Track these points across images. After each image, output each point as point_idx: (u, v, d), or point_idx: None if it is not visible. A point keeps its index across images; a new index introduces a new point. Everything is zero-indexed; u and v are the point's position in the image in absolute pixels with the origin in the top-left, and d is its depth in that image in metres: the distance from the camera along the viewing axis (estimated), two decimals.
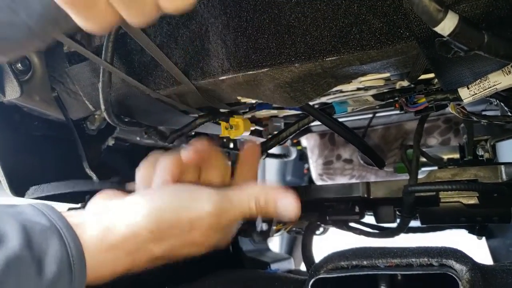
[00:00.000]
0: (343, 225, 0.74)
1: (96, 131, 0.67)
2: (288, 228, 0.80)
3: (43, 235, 0.36)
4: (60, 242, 0.36)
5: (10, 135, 0.62)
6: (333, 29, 0.41)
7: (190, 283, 0.67)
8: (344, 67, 0.44)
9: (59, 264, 0.35)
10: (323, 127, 1.14)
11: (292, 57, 0.43)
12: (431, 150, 0.80)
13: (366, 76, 0.52)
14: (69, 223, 0.38)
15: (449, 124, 1.08)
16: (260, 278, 0.67)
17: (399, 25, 0.39)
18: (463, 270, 0.49)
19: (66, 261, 0.36)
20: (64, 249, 0.36)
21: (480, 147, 0.71)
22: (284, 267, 1.01)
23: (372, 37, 0.40)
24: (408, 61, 0.45)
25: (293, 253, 1.47)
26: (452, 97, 0.48)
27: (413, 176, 0.64)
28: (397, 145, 1.14)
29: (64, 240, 0.37)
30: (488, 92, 0.45)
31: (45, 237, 0.36)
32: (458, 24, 0.32)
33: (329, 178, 1.26)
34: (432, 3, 0.31)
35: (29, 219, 0.37)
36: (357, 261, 0.54)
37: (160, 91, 0.52)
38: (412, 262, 0.52)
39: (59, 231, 0.37)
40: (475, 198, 0.62)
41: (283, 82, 0.47)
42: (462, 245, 0.57)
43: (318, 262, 0.57)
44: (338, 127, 0.64)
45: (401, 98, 0.57)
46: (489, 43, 0.33)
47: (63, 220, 0.38)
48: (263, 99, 0.52)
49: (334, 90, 0.58)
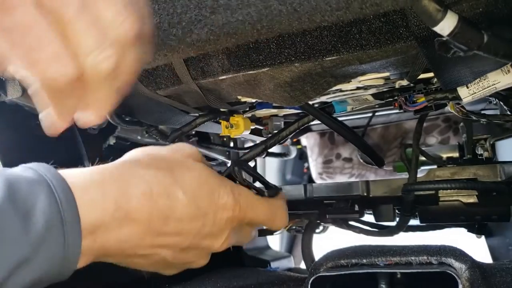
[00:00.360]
0: (342, 224, 0.74)
1: (97, 130, 0.67)
2: (288, 227, 0.81)
3: (30, 187, 0.33)
4: (48, 193, 0.33)
5: (11, 135, 0.62)
6: (332, 29, 0.41)
7: (190, 281, 0.67)
8: (344, 66, 0.44)
9: (48, 216, 0.32)
10: (323, 126, 1.14)
11: (292, 57, 0.43)
12: (430, 149, 0.81)
13: (366, 76, 0.52)
14: (59, 175, 0.35)
15: (449, 123, 1.09)
16: (260, 276, 0.67)
17: (398, 25, 0.40)
18: (462, 268, 0.50)
19: (55, 213, 0.33)
20: (54, 201, 0.33)
21: (480, 146, 0.72)
22: (284, 266, 1.01)
23: (371, 37, 0.40)
24: (408, 60, 0.45)
25: (293, 251, 1.47)
26: (451, 96, 0.48)
27: (413, 175, 0.64)
28: (396, 144, 1.14)
29: (53, 191, 0.33)
30: (488, 91, 0.45)
31: (31, 190, 0.33)
32: (457, 24, 0.32)
33: (328, 177, 1.26)
34: (432, 3, 0.31)
35: (16, 174, 0.34)
36: (357, 259, 0.54)
37: (160, 91, 0.52)
38: (412, 260, 0.52)
39: (48, 183, 0.34)
40: (474, 196, 0.63)
41: (283, 82, 0.47)
42: (461, 244, 0.57)
43: (318, 260, 0.57)
44: (338, 126, 0.64)
45: (400, 97, 0.58)
46: (489, 43, 0.33)
47: (53, 172, 0.35)
48: (263, 99, 0.52)
49: (333, 90, 0.58)
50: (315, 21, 0.33)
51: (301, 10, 0.32)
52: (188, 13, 0.36)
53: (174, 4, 0.36)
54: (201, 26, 0.35)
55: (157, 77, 0.50)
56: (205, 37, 0.36)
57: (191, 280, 0.67)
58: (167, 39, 0.37)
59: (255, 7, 0.33)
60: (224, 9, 0.34)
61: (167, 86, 0.50)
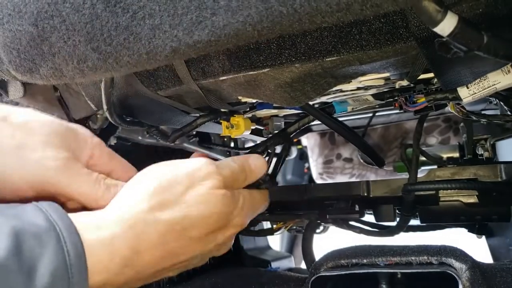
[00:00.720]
0: (343, 224, 0.74)
1: (98, 130, 0.67)
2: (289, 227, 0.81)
3: (37, 239, 0.31)
4: (56, 247, 0.31)
5: None
6: (333, 30, 0.42)
7: (190, 281, 0.67)
8: (344, 67, 0.45)
9: (53, 274, 0.30)
10: (323, 126, 1.15)
11: (292, 57, 0.44)
12: (430, 149, 0.81)
13: (366, 76, 0.52)
14: (72, 224, 0.34)
15: (449, 123, 1.09)
16: (261, 276, 0.67)
17: (398, 26, 0.40)
18: (462, 269, 0.50)
19: (62, 270, 0.31)
20: (61, 257, 0.31)
21: (480, 146, 0.72)
22: (284, 266, 1.01)
23: (371, 38, 0.41)
24: (408, 61, 0.45)
25: (294, 251, 1.47)
26: (451, 96, 0.48)
27: (413, 175, 0.64)
28: (396, 144, 1.14)
29: (62, 244, 0.32)
30: (488, 92, 0.45)
31: (39, 242, 0.31)
32: (457, 25, 0.32)
33: (329, 177, 1.26)
34: (432, 4, 0.31)
35: (25, 220, 0.32)
36: (357, 259, 0.54)
37: (161, 92, 0.52)
38: (412, 260, 0.52)
39: (57, 234, 0.32)
40: (475, 197, 0.63)
41: (283, 82, 0.47)
42: (462, 244, 0.57)
43: (319, 260, 0.58)
44: (338, 127, 0.65)
45: (400, 97, 0.58)
46: (489, 43, 0.33)
47: (65, 220, 0.34)
48: (264, 99, 0.52)
49: (334, 90, 0.58)
50: (315, 22, 0.33)
51: (302, 11, 0.32)
52: (189, 15, 0.36)
53: (175, 6, 0.36)
54: (202, 28, 0.36)
55: (158, 77, 0.50)
56: (206, 38, 0.36)
57: (191, 280, 0.67)
58: (168, 40, 0.37)
59: (255, 8, 0.33)
60: (225, 11, 0.34)
61: (168, 86, 0.51)
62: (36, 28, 0.41)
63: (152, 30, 0.38)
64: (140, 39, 0.38)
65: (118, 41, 0.39)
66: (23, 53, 0.43)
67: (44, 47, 0.42)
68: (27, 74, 0.45)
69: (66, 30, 0.40)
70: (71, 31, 0.40)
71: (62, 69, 0.43)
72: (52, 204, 0.35)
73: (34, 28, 0.41)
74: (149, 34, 0.38)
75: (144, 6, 0.38)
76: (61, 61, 0.42)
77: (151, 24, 0.38)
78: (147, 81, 0.51)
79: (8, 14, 0.42)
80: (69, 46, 0.41)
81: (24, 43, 0.43)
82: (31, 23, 0.41)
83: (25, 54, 0.43)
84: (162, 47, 0.38)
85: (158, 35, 0.38)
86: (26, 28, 0.42)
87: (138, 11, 0.38)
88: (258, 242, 1.03)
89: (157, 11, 0.37)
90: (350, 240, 0.68)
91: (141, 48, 0.39)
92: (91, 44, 0.40)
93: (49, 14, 0.40)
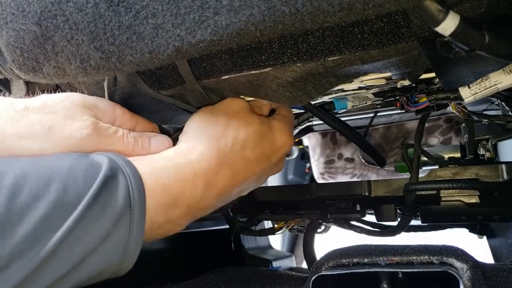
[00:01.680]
0: (344, 223, 0.74)
1: None
2: (290, 226, 0.81)
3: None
4: (125, 182, 0.37)
5: None
6: (335, 29, 0.42)
7: (192, 279, 0.68)
8: (346, 66, 0.45)
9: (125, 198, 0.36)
10: (324, 126, 1.15)
11: (294, 57, 0.44)
12: (432, 149, 0.81)
13: (368, 75, 0.52)
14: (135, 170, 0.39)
15: (451, 123, 1.09)
16: (262, 275, 0.67)
17: (400, 25, 0.40)
18: (463, 268, 0.50)
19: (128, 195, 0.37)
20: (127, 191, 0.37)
21: (482, 147, 0.72)
22: (285, 265, 1.01)
23: (373, 37, 0.41)
24: (410, 60, 0.45)
25: (295, 251, 1.47)
26: (453, 96, 0.48)
27: (414, 175, 0.64)
28: (398, 144, 1.14)
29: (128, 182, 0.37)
30: (489, 92, 0.45)
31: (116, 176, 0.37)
32: (459, 25, 0.32)
33: (330, 177, 1.26)
34: (434, 4, 0.31)
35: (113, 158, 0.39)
36: (358, 258, 0.54)
37: (164, 91, 0.52)
38: (413, 260, 0.52)
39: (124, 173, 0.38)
40: (476, 197, 0.63)
41: (285, 82, 0.47)
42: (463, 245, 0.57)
43: (319, 259, 0.58)
44: (340, 126, 0.65)
45: (402, 97, 0.58)
46: (490, 43, 0.33)
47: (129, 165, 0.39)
48: (265, 98, 0.52)
49: (335, 89, 0.58)
50: (317, 22, 0.33)
51: (304, 11, 0.32)
52: (191, 14, 0.36)
53: (178, 5, 0.37)
54: (205, 27, 0.36)
55: (160, 77, 0.51)
56: (208, 38, 0.36)
57: (192, 280, 0.67)
58: (171, 39, 0.38)
59: (258, 8, 0.33)
60: (228, 10, 0.34)
61: (171, 86, 0.51)
62: (40, 27, 0.41)
63: (155, 30, 0.38)
64: (143, 38, 0.39)
65: (121, 40, 0.39)
66: (26, 52, 0.43)
67: (47, 46, 0.42)
68: (30, 73, 0.45)
69: (69, 29, 0.41)
70: (74, 30, 0.40)
71: (65, 68, 0.43)
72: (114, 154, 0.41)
73: (37, 27, 0.42)
74: (152, 34, 0.38)
75: (147, 6, 0.38)
76: (64, 60, 0.42)
77: (154, 24, 0.38)
78: (149, 80, 0.51)
79: (11, 13, 0.42)
80: (72, 45, 0.41)
81: (27, 42, 0.43)
82: (34, 22, 0.41)
83: (28, 53, 0.43)
84: (165, 47, 0.38)
85: (161, 34, 0.38)
86: (29, 27, 0.42)
87: (141, 11, 0.38)
88: (259, 242, 1.04)
89: (160, 10, 0.37)
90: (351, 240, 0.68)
91: (144, 47, 0.39)
92: (94, 43, 0.40)
93: (53, 13, 0.41)
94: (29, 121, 0.40)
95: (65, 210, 0.33)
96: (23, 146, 0.39)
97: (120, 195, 0.36)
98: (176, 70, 0.49)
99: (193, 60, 0.48)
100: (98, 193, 0.34)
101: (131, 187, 0.37)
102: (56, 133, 0.40)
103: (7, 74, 0.48)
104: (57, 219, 0.32)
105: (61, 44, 0.42)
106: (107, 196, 0.35)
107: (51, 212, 0.32)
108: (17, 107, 0.40)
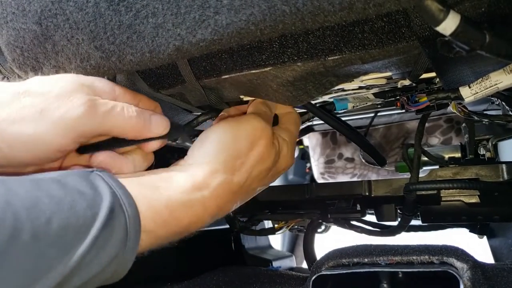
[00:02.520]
0: (344, 223, 0.74)
1: None
2: (290, 226, 0.81)
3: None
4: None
5: None
6: (335, 29, 0.42)
7: (192, 279, 0.68)
8: (346, 66, 0.45)
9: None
10: (325, 126, 1.15)
11: (294, 56, 0.44)
12: (432, 149, 0.81)
13: (368, 75, 0.52)
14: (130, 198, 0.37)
15: (451, 123, 1.09)
16: (262, 275, 0.67)
17: (400, 25, 0.40)
18: (464, 268, 0.50)
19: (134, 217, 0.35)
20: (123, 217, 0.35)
21: (482, 146, 0.72)
22: (286, 265, 1.01)
23: (374, 37, 0.41)
24: (410, 60, 0.45)
25: (295, 251, 1.47)
26: (453, 96, 0.48)
27: (415, 175, 0.64)
28: (398, 144, 1.14)
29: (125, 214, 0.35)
30: (490, 91, 0.45)
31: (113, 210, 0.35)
32: (459, 24, 0.32)
33: (330, 176, 1.26)
34: (434, 3, 0.31)
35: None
36: (358, 258, 0.54)
37: (164, 90, 0.52)
38: (413, 260, 0.52)
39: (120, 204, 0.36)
40: (476, 197, 0.63)
41: (285, 81, 0.47)
42: (463, 245, 0.57)
43: (320, 259, 0.58)
44: (341, 126, 0.65)
45: (402, 96, 0.58)
46: (491, 43, 0.33)
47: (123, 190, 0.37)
48: (266, 98, 0.52)
49: (336, 89, 0.58)
50: (318, 21, 0.33)
51: (305, 10, 0.32)
52: (192, 13, 0.36)
53: (178, 4, 0.37)
54: (205, 26, 0.36)
55: (160, 76, 0.51)
56: (209, 37, 0.36)
57: (192, 279, 0.67)
58: (171, 39, 0.38)
59: (258, 7, 0.33)
60: (228, 9, 0.34)
61: (171, 85, 0.51)
62: (40, 26, 0.41)
63: (155, 29, 0.38)
64: (143, 37, 0.39)
65: (121, 40, 0.39)
66: (27, 51, 0.43)
67: (47, 46, 0.42)
68: (30, 72, 0.45)
69: (70, 29, 0.41)
70: (75, 29, 0.40)
71: (65, 68, 0.43)
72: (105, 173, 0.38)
73: (37, 26, 0.42)
74: (152, 33, 0.38)
75: (147, 5, 0.38)
76: (64, 59, 0.42)
77: (154, 23, 0.38)
78: (149, 80, 0.51)
79: (12, 12, 0.42)
80: (73, 44, 0.41)
81: (27, 41, 0.43)
82: (35, 21, 0.41)
83: (28, 52, 0.43)
84: (165, 46, 0.38)
85: (161, 33, 0.38)
86: (29, 27, 0.42)
87: (141, 10, 0.38)
88: (259, 242, 1.04)
89: (160, 9, 0.37)
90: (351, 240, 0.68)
91: (144, 46, 0.39)
92: (94, 42, 0.40)
93: (53, 13, 0.41)
94: (21, 104, 0.37)
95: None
96: (16, 131, 0.37)
97: (117, 235, 0.34)
98: (176, 70, 0.49)
99: (194, 59, 0.48)
100: (96, 237, 0.32)
101: (129, 227, 0.35)
102: (49, 115, 0.37)
103: (7, 73, 0.48)
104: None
105: (61, 43, 0.42)
106: (106, 236, 0.33)
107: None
108: (8, 90, 0.38)
